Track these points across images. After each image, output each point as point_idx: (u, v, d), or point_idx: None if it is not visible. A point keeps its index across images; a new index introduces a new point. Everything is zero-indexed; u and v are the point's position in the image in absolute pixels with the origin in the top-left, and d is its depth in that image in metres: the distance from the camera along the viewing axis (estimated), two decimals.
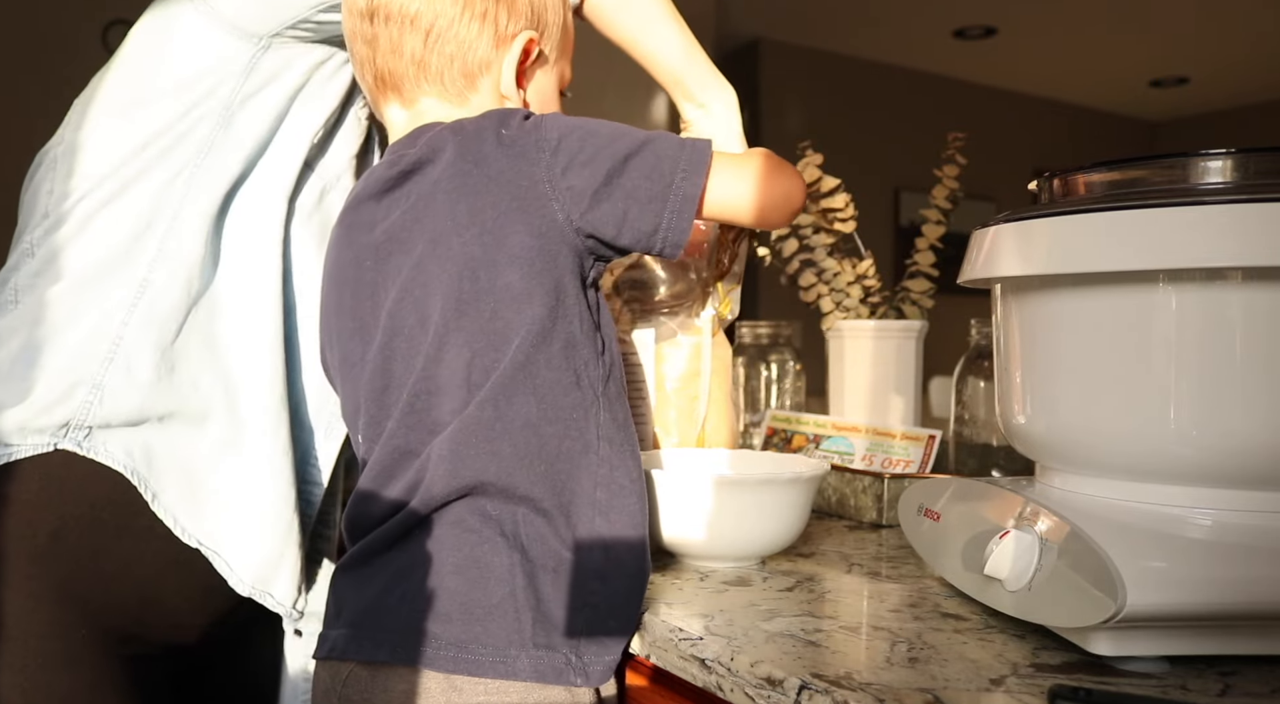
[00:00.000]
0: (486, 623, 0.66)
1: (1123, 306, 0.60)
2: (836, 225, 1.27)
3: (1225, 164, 0.58)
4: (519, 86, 0.81)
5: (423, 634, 0.66)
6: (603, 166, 0.70)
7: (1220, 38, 4.39)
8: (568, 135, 0.71)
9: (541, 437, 0.68)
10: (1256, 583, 0.55)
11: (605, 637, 0.67)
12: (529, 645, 0.66)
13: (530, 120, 0.72)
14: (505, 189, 0.70)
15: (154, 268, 0.82)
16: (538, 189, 0.70)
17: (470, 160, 0.71)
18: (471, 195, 0.70)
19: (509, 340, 0.69)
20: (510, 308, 0.69)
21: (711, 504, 0.78)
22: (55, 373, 0.79)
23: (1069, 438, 0.64)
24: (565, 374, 0.70)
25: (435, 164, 0.73)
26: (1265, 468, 0.57)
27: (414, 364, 0.71)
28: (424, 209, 0.72)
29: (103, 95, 0.85)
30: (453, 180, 0.71)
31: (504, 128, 0.72)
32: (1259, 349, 0.56)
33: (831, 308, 1.30)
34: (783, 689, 0.56)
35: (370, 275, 0.75)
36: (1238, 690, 0.54)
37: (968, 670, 0.57)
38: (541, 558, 0.67)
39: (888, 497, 1.00)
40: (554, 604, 0.67)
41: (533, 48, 0.80)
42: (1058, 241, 0.61)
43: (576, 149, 0.70)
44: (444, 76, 0.78)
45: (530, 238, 0.69)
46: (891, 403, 1.26)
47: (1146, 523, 0.59)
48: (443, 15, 0.76)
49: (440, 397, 0.70)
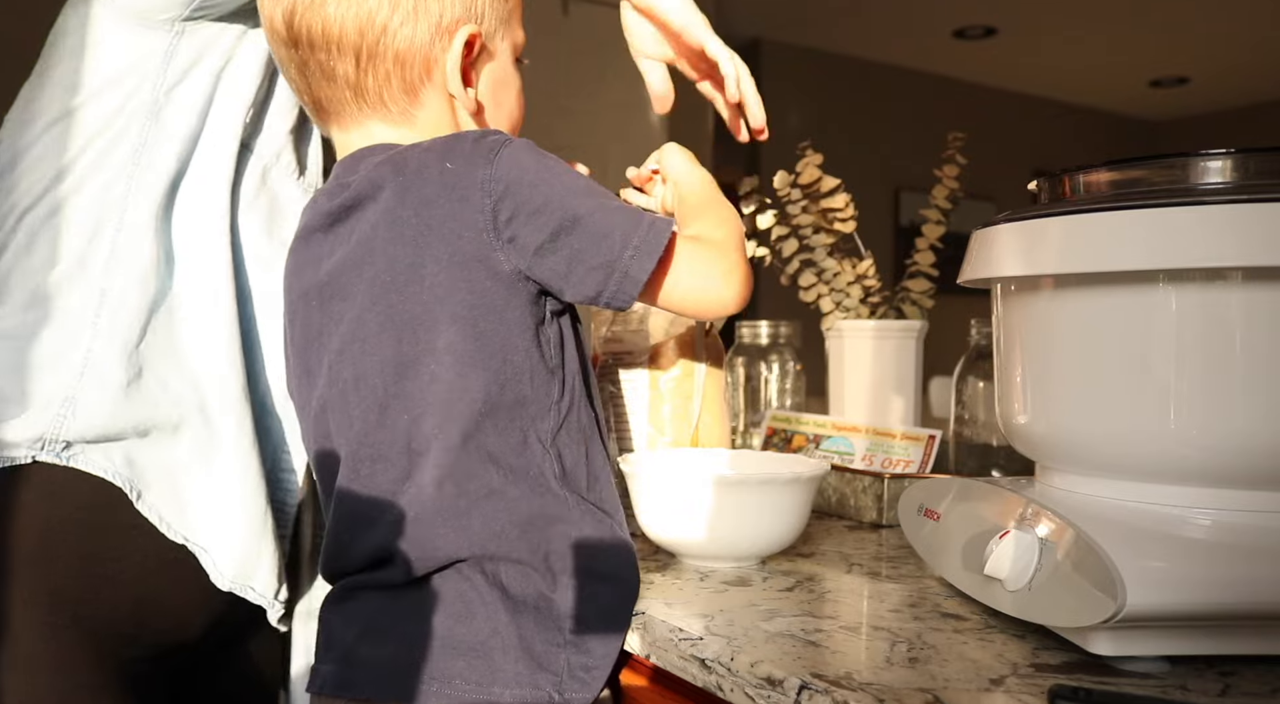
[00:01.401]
0: (471, 659, 0.66)
1: (1123, 306, 0.60)
2: (836, 225, 1.27)
3: (1225, 164, 0.58)
4: (467, 85, 0.76)
5: (408, 671, 0.66)
6: (551, 222, 0.66)
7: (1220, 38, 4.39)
8: (518, 180, 0.66)
9: (508, 500, 0.67)
10: (1256, 583, 0.55)
11: (585, 674, 0.67)
12: (512, 683, 0.65)
13: (482, 148, 0.67)
14: (446, 240, 0.66)
15: (109, 275, 0.80)
16: (481, 238, 0.66)
17: (410, 206, 0.67)
18: (411, 246, 0.67)
19: (451, 407, 0.66)
20: (452, 371, 0.66)
21: (711, 504, 0.78)
22: (30, 390, 0.78)
23: (1069, 438, 0.64)
24: (513, 435, 0.68)
25: (375, 203, 0.69)
26: (1265, 468, 0.57)
27: (352, 425, 0.70)
28: (364, 255, 0.69)
29: (33, 107, 0.83)
30: (391, 228, 0.68)
31: (449, 161, 0.67)
32: (1259, 349, 0.56)
33: (831, 308, 1.30)
34: (783, 689, 0.56)
35: (316, 317, 0.73)
36: (1238, 690, 0.54)
37: (968, 670, 0.57)
38: (523, 596, 0.67)
39: (888, 497, 1.00)
40: (537, 641, 0.66)
41: (475, 42, 0.74)
42: (1057, 242, 0.61)
43: (526, 197, 0.66)
44: (384, 97, 0.73)
45: (472, 295, 0.66)
46: (891, 403, 1.26)
47: (1146, 523, 0.59)
48: (370, 29, 0.70)
49: (382, 464, 0.68)
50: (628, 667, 0.75)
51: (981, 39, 4.51)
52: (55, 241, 0.81)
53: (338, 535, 0.72)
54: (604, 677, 0.67)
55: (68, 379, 0.79)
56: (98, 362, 0.79)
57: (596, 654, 0.67)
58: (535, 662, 0.66)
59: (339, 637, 0.71)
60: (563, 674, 0.66)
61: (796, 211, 1.28)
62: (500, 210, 0.66)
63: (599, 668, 0.67)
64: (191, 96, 0.83)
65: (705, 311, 0.75)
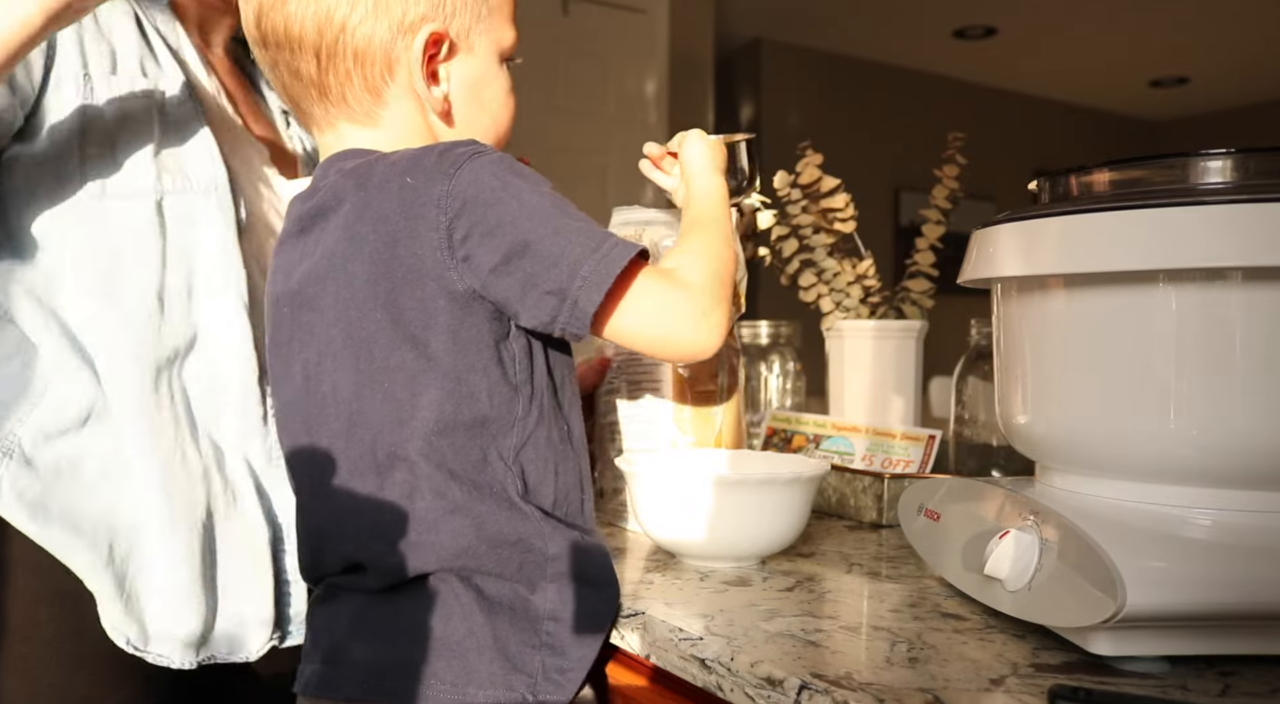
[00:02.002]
0: (448, 659, 0.66)
1: (1123, 307, 0.60)
2: (836, 225, 1.27)
3: (1225, 164, 0.58)
4: (432, 84, 0.73)
5: (387, 670, 0.67)
6: (503, 244, 0.64)
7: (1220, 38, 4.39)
8: (475, 198, 0.64)
9: (474, 517, 0.66)
10: (1256, 583, 0.55)
11: (560, 676, 0.66)
12: (486, 684, 0.65)
13: (444, 163, 0.65)
14: (402, 260, 0.65)
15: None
16: (435, 257, 0.65)
17: (368, 222, 0.67)
18: (368, 263, 0.66)
19: (404, 426, 0.66)
20: (405, 390, 0.66)
21: (711, 504, 0.78)
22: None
23: (1069, 438, 0.64)
24: (473, 453, 0.67)
25: (337, 215, 0.69)
26: (1265, 468, 0.57)
27: (328, 436, 0.70)
28: (327, 269, 0.69)
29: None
30: (350, 244, 0.67)
31: (410, 176, 0.65)
32: (1259, 349, 0.56)
33: (831, 308, 1.30)
34: (783, 689, 0.56)
35: (287, 324, 0.73)
36: (1238, 690, 0.54)
37: (968, 670, 0.57)
38: (499, 598, 0.67)
39: (888, 497, 1.00)
40: (512, 643, 0.66)
41: (443, 40, 0.72)
42: (1058, 241, 0.61)
43: (481, 216, 0.64)
44: (346, 97, 0.72)
45: (425, 314, 0.66)
46: (891, 403, 1.26)
47: (1146, 523, 0.59)
48: (329, 27, 0.69)
49: (354, 477, 0.69)
50: (627, 667, 0.75)
51: (981, 39, 4.51)
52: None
53: (311, 541, 0.73)
54: (579, 679, 0.67)
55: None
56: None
57: (572, 656, 0.67)
58: (510, 663, 0.66)
59: (323, 637, 0.71)
60: (537, 676, 0.66)
61: (796, 211, 1.28)
62: (455, 228, 0.64)
63: (574, 670, 0.67)
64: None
65: (667, 354, 0.71)
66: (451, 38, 0.73)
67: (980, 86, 5.17)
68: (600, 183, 3.27)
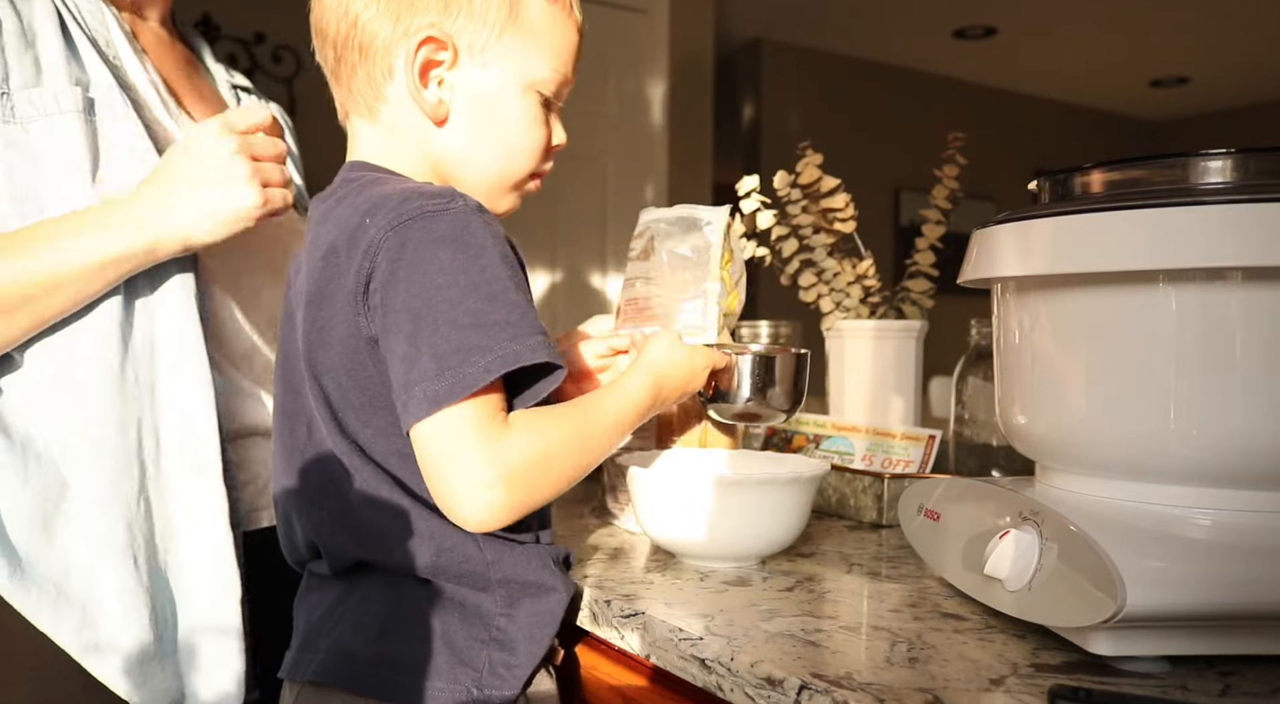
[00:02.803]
0: (401, 647, 0.68)
1: (1123, 307, 0.60)
2: (836, 225, 1.27)
3: (1225, 164, 0.58)
4: (426, 88, 0.72)
5: (347, 655, 0.69)
6: (390, 317, 0.64)
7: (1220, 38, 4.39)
8: (394, 260, 0.63)
9: (421, 522, 0.68)
10: (1256, 583, 0.55)
11: (506, 672, 0.68)
12: (433, 676, 0.67)
13: (394, 213, 0.64)
14: (334, 296, 0.67)
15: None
16: (352, 301, 0.66)
17: (322, 253, 0.69)
18: (316, 291, 0.68)
19: (355, 414, 0.69)
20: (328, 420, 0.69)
21: (711, 504, 0.78)
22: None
23: (1069, 438, 0.64)
24: (416, 467, 0.66)
25: (313, 237, 0.71)
26: (1265, 468, 0.57)
27: (301, 432, 0.72)
28: (297, 296, 0.72)
29: None
30: (318, 267, 0.69)
31: (369, 217, 0.66)
32: (1259, 349, 0.56)
33: (831, 308, 1.30)
34: (783, 689, 0.56)
35: (287, 325, 0.76)
36: (1238, 690, 0.54)
37: (968, 670, 0.57)
38: (450, 595, 0.69)
39: (888, 497, 1.00)
40: (459, 637, 0.68)
41: (442, 47, 0.72)
42: (1057, 241, 0.61)
43: (387, 280, 0.64)
44: (353, 89, 0.74)
45: (346, 350, 0.67)
46: (891, 403, 1.26)
47: (1146, 523, 0.59)
48: (344, 20, 0.72)
49: (316, 471, 0.71)
50: (627, 667, 0.75)
51: (981, 39, 4.51)
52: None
53: (284, 519, 0.76)
54: (525, 675, 0.68)
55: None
56: None
57: (520, 653, 0.68)
58: (456, 656, 0.67)
59: (301, 625, 0.75)
60: (483, 671, 0.67)
61: (796, 211, 1.28)
62: (373, 280, 0.64)
63: (521, 666, 0.68)
64: None
65: (439, 500, 0.64)
66: (457, 47, 0.72)
67: (980, 86, 5.17)
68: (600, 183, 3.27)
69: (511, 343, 0.62)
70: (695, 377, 0.80)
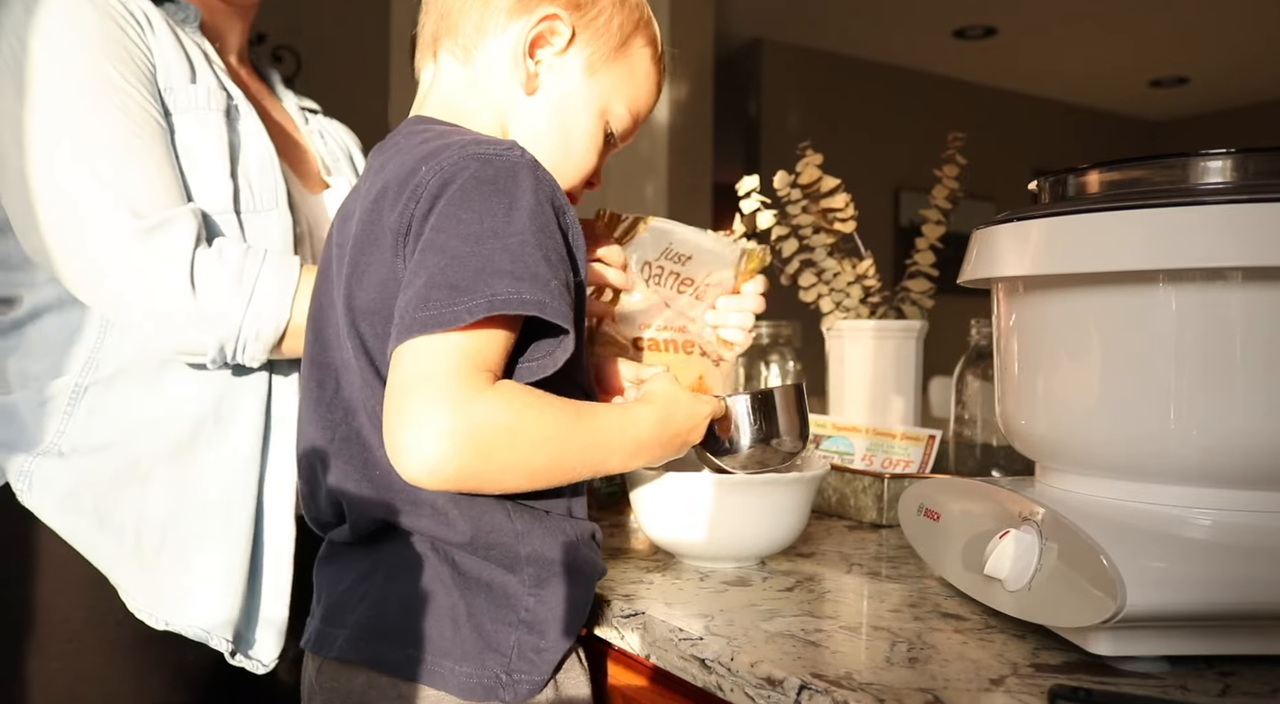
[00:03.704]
0: (427, 628, 0.66)
1: (1123, 306, 0.60)
2: (836, 225, 1.27)
3: (1225, 164, 0.58)
4: (528, 56, 0.75)
5: (373, 633, 0.68)
6: (416, 258, 0.63)
7: (1220, 38, 4.40)
8: (426, 219, 0.63)
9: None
10: (1256, 583, 0.55)
11: (536, 655, 0.66)
12: (460, 659, 0.66)
13: (448, 160, 0.64)
14: (379, 238, 0.67)
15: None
16: (395, 242, 0.65)
17: (373, 197, 0.68)
18: (359, 252, 0.68)
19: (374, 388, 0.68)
20: (365, 361, 0.68)
21: (711, 504, 0.78)
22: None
23: (1069, 438, 0.64)
24: None
25: (366, 196, 0.69)
26: (1265, 468, 0.57)
27: (334, 379, 0.70)
28: (338, 246, 0.71)
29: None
30: (361, 229, 0.68)
31: (424, 164, 0.65)
32: (1259, 349, 0.56)
33: (831, 308, 1.30)
34: (783, 689, 0.56)
35: (332, 262, 0.73)
36: (1238, 690, 0.54)
37: (968, 670, 0.57)
38: (476, 574, 0.67)
39: (888, 497, 1.00)
40: (487, 620, 0.66)
41: (558, 29, 0.75)
42: (1057, 241, 0.61)
43: (419, 238, 0.63)
44: (460, 23, 0.76)
45: (385, 291, 0.66)
46: (891, 403, 1.26)
47: (1146, 523, 0.59)
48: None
49: (348, 416, 0.69)
50: (627, 667, 0.75)
51: (981, 39, 4.51)
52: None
53: (309, 480, 0.73)
54: (555, 660, 0.67)
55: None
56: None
57: (550, 636, 0.67)
58: (484, 640, 0.66)
59: (324, 595, 0.73)
60: (512, 655, 0.66)
61: (796, 211, 1.28)
62: (414, 219, 0.64)
63: (551, 650, 0.67)
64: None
65: (386, 434, 0.60)
66: (573, 40, 0.76)
67: (980, 86, 5.17)
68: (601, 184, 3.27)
69: (506, 291, 0.60)
70: (697, 422, 0.75)
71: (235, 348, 0.80)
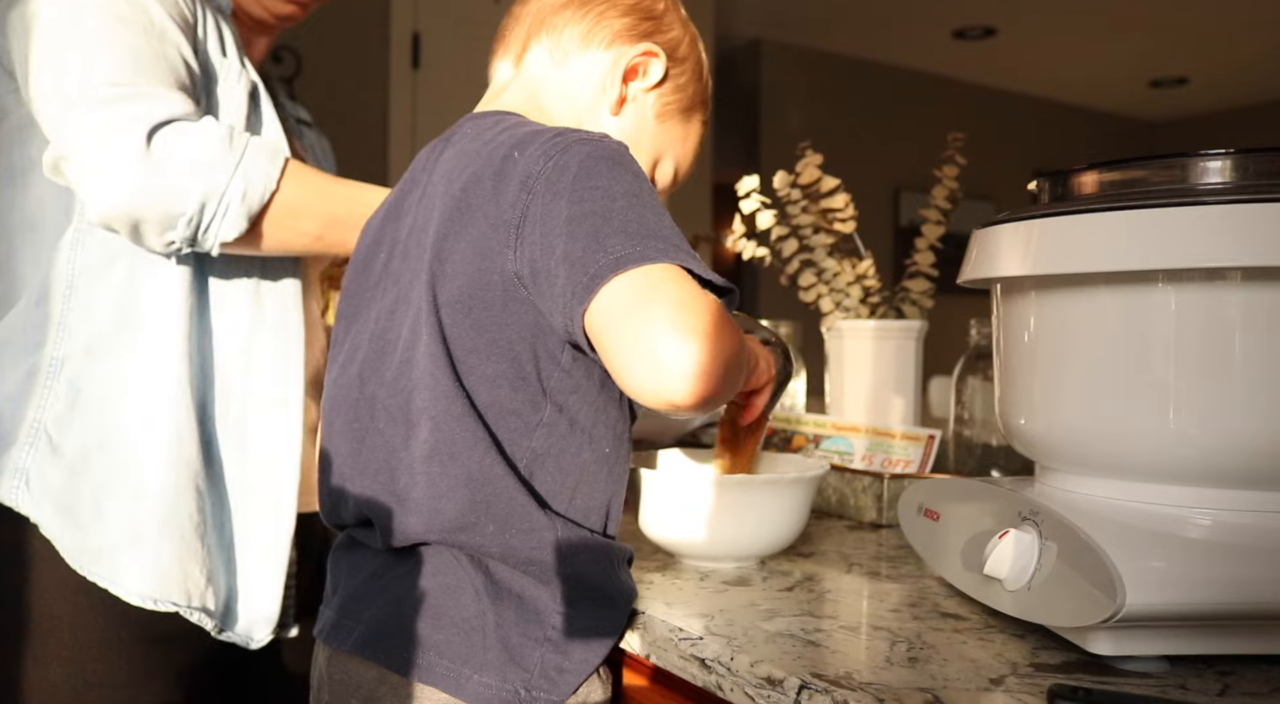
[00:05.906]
0: (451, 634, 0.65)
1: (1122, 307, 0.60)
2: (836, 225, 1.27)
3: (1225, 164, 0.58)
4: (624, 82, 0.80)
5: (393, 632, 0.67)
6: (556, 240, 0.61)
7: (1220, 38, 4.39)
8: (554, 204, 0.61)
9: (487, 494, 0.65)
10: (1256, 583, 0.55)
11: (558, 675, 0.65)
12: (481, 669, 0.65)
13: (552, 145, 0.64)
14: (473, 225, 0.66)
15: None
16: (499, 234, 0.64)
17: (460, 181, 0.68)
18: (444, 241, 0.67)
19: (437, 384, 0.67)
20: (437, 352, 0.68)
21: (712, 504, 0.78)
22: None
23: (1069, 438, 0.64)
24: (494, 436, 0.66)
25: (449, 185, 0.68)
26: (1265, 468, 0.57)
27: (381, 379, 0.70)
28: (425, 223, 0.70)
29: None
30: (444, 220, 0.68)
31: (517, 151, 0.65)
32: (1259, 349, 0.56)
33: (831, 308, 1.30)
34: (783, 689, 0.56)
35: (377, 267, 0.75)
36: (1237, 690, 0.54)
37: (967, 670, 0.57)
38: (508, 584, 0.66)
39: (888, 497, 1.00)
40: (513, 634, 0.65)
41: (652, 66, 0.81)
42: (1057, 242, 0.61)
43: (550, 221, 0.61)
44: (562, 28, 0.79)
45: (472, 287, 0.66)
46: (891, 403, 1.26)
47: (1146, 523, 0.59)
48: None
49: (391, 423, 0.68)
50: (627, 667, 0.75)
51: (981, 39, 4.51)
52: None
53: (332, 490, 0.73)
54: (576, 683, 0.66)
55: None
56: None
57: (575, 658, 0.66)
58: (508, 654, 0.65)
59: (343, 586, 0.72)
60: (534, 672, 0.65)
61: (796, 211, 1.28)
62: (532, 208, 0.62)
63: (574, 672, 0.65)
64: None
65: (627, 373, 0.57)
66: (661, 84, 0.82)
67: (980, 86, 5.17)
68: None
69: (684, 254, 0.59)
70: (761, 374, 0.78)
71: (217, 209, 0.78)
